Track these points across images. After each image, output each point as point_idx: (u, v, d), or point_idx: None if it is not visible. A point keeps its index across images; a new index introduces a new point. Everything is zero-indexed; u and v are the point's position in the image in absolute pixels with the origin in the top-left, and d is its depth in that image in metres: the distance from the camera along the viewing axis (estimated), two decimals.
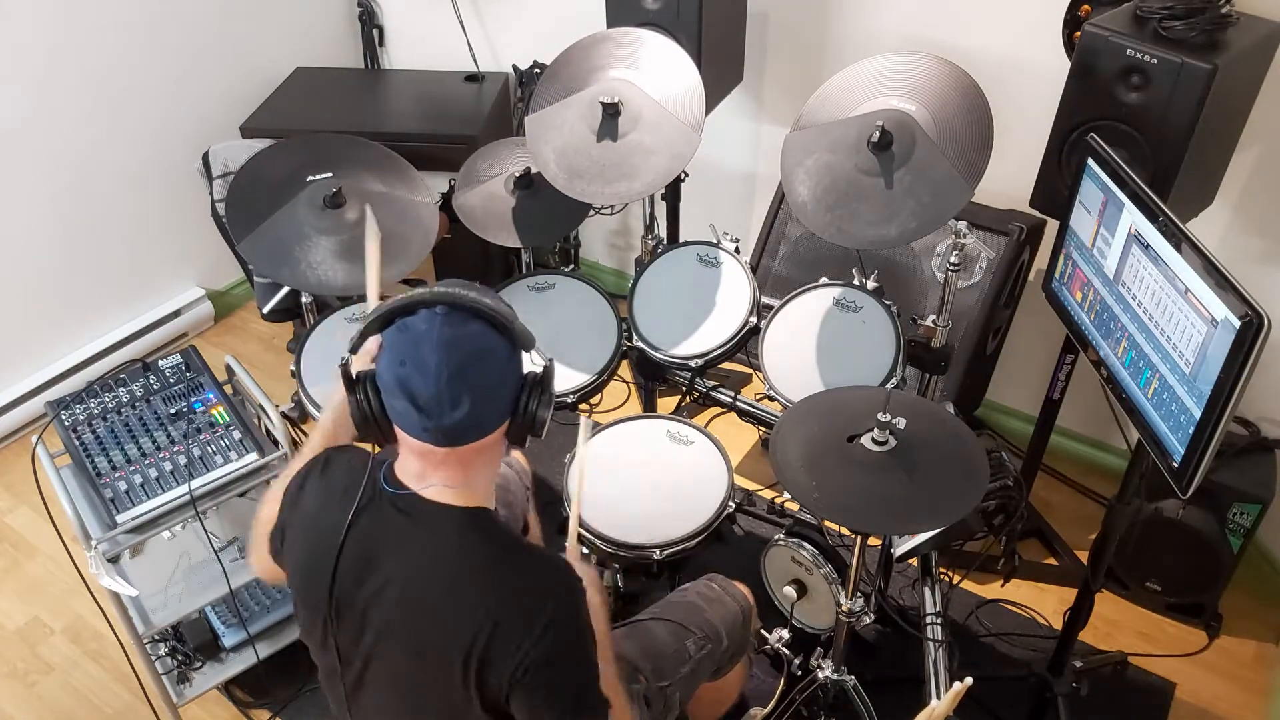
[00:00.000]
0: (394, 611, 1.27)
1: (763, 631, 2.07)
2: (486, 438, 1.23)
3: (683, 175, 2.54)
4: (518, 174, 2.33)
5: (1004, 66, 2.29)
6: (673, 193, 2.70)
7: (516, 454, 2.12)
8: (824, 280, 2.22)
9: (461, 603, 1.23)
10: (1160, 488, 2.11)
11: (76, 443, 1.97)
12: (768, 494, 2.65)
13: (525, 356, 1.25)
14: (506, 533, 1.30)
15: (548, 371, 1.26)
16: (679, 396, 2.81)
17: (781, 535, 2.09)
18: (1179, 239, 1.45)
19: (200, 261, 3.34)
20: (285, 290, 2.78)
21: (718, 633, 1.77)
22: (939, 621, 2.09)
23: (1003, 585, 2.45)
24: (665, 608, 1.80)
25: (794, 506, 2.46)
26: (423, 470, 1.26)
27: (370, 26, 3.42)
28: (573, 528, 1.60)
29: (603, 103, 2.13)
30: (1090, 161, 1.72)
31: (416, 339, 1.16)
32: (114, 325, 3.15)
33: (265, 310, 2.85)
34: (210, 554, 2.06)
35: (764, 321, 2.20)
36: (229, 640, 2.18)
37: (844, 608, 1.85)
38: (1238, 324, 1.32)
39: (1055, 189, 1.97)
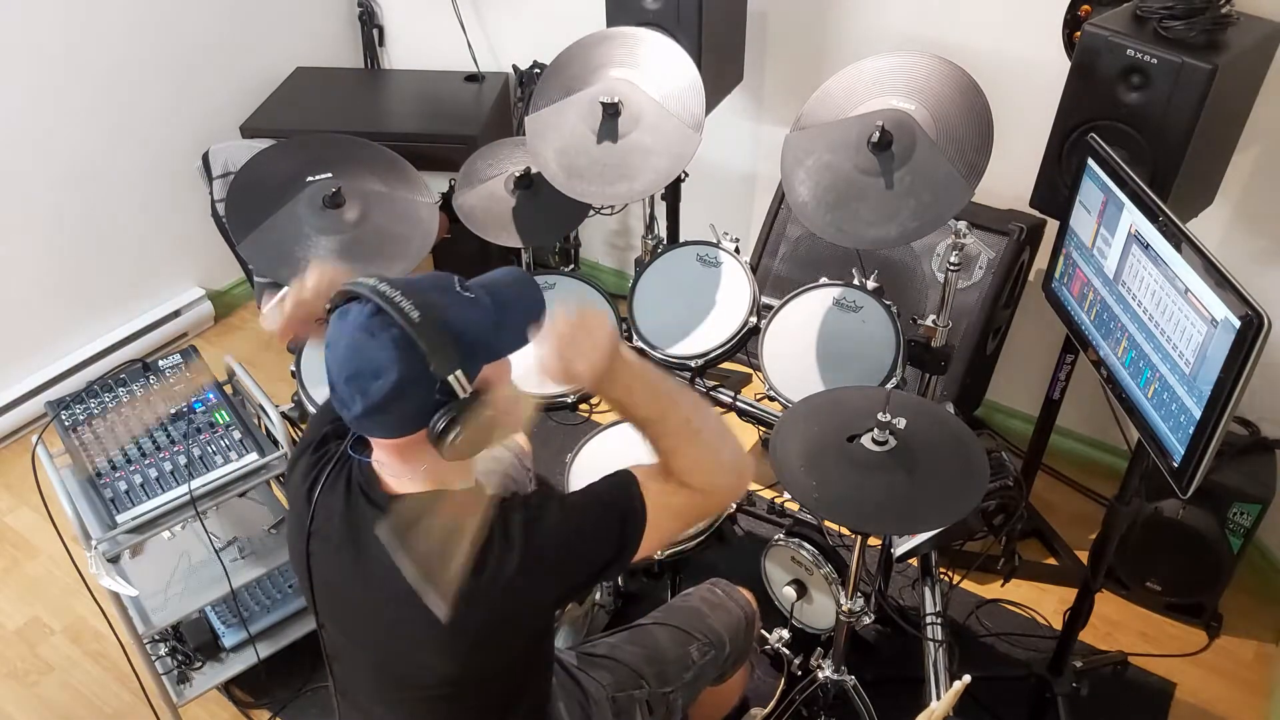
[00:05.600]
0: (326, 589, 1.30)
1: (763, 632, 2.07)
2: (403, 439, 1.16)
3: (683, 175, 2.54)
4: (518, 174, 2.33)
5: (1004, 66, 2.28)
6: (673, 193, 2.70)
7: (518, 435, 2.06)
8: (824, 280, 2.22)
9: (368, 598, 1.24)
10: (1160, 488, 2.12)
11: (76, 442, 1.97)
12: (768, 494, 2.65)
13: (453, 378, 1.11)
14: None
15: (464, 403, 1.13)
16: None
17: (781, 535, 2.09)
18: (1179, 239, 1.45)
19: (200, 261, 3.34)
20: (285, 290, 2.78)
21: (721, 639, 1.76)
22: (939, 621, 2.09)
23: (1003, 585, 2.44)
24: (668, 613, 1.79)
25: (794, 506, 2.46)
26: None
27: (370, 26, 3.42)
28: None
29: (603, 103, 2.13)
30: (1090, 161, 1.72)
31: (340, 330, 1.13)
32: (114, 325, 3.15)
33: (265, 310, 2.85)
34: (210, 554, 2.06)
35: (764, 321, 2.20)
36: (229, 640, 2.17)
37: (844, 608, 1.85)
38: (1238, 324, 1.32)
39: (1055, 189, 1.97)
